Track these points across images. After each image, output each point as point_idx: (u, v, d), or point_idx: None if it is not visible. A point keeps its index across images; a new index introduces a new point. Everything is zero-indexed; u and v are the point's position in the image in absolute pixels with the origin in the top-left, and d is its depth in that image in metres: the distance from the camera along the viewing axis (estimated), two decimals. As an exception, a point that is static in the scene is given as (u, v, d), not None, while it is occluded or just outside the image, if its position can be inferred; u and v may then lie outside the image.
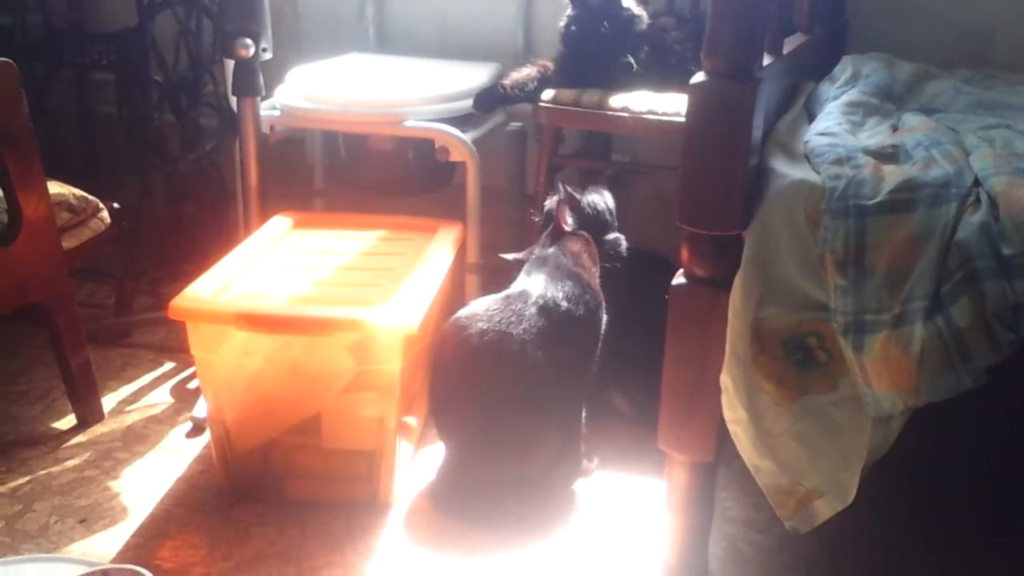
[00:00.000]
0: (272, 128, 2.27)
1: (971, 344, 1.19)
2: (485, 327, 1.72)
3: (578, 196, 2.00)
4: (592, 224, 1.99)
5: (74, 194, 2.07)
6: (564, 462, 1.83)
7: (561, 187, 2.00)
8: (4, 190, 1.84)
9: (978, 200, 1.24)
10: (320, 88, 2.26)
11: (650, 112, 2.03)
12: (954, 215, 1.22)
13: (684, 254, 1.39)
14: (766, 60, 1.45)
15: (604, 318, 1.87)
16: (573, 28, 2.17)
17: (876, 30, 2.32)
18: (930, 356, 1.19)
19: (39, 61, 2.68)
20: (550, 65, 2.23)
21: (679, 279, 1.40)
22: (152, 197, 2.64)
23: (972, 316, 1.18)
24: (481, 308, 1.78)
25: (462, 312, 1.79)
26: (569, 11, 2.18)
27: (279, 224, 2.16)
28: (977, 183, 1.28)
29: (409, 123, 2.17)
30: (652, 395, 1.48)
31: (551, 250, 1.91)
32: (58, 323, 1.98)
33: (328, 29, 2.77)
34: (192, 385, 2.23)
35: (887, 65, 1.82)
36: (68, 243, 2.02)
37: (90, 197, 2.11)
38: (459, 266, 2.18)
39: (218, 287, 1.81)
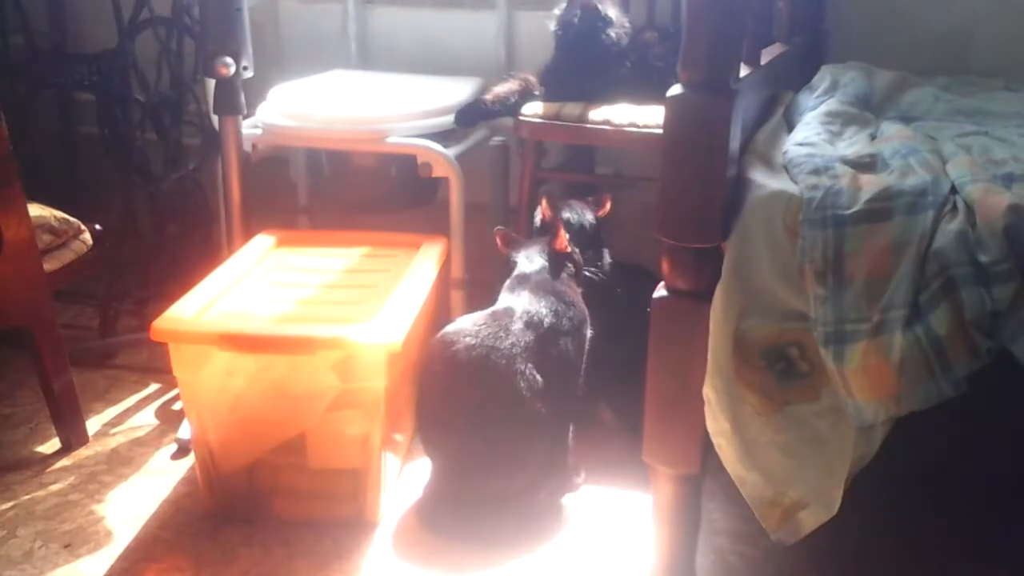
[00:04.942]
0: (254, 146, 2.26)
1: (950, 352, 1.19)
2: (472, 342, 1.73)
3: (558, 212, 2.01)
4: (571, 239, 1.99)
5: (55, 216, 2.06)
6: (552, 477, 1.82)
7: (544, 203, 2.00)
8: (-16, 213, 1.83)
9: (955, 208, 1.25)
10: (302, 105, 2.25)
11: (631, 124, 2.04)
12: (931, 223, 1.23)
13: (664, 266, 1.39)
14: (743, 71, 1.45)
15: (589, 333, 1.87)
16: (571, 37, 2.17)
17: (855, 39, 2.33)
18: (910, 365, 1.19)
19: (20, 82, 2.68)
20: (532, 79, 2.23)
21: (660, 291, 1.40)
22: (135, 217, 2.63)
23: (951, 324, 1.19)
24: (468, 324, 1.78)
25: (449, 328, 1.79)
26: (555, 26, 2.19)
27: (262, 242, 2.15)
28: (954, 191, 1.28)
29: (391, 139, 2.17)
30: (639, 408, 1.48)
31: (537, 266, 1.90)
32: (40, 346, 1.97)
33: (310, 46, 2.76)
34: (177, 406, 2.21)
35: (866, 74, 1.83)
36: (50, 265, 2.01)
37: (71, 219, 2.10)
38: (443, 281, 2.18)
39: (200, 307, 1.80)
